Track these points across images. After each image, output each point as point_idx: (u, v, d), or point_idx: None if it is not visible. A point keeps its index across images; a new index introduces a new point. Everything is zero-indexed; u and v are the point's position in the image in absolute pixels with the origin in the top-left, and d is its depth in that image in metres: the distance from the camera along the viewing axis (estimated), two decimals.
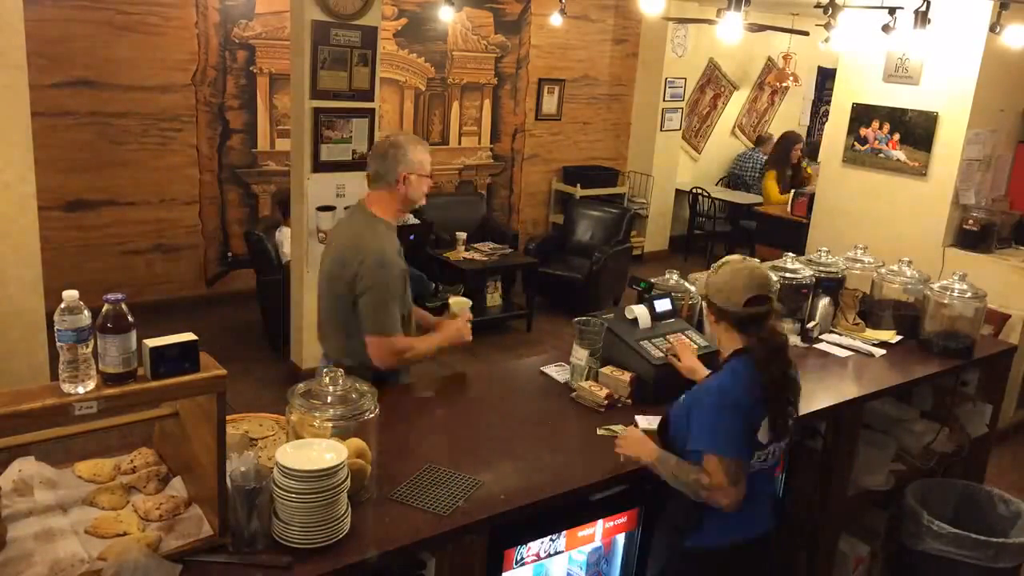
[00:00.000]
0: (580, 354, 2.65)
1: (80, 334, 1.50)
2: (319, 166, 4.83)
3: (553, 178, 8.26)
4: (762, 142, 9.29)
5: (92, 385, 1.53)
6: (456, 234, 6.38)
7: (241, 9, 6.13)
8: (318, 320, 2.81)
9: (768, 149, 8.82)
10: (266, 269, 5.56)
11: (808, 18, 7.66)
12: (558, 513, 2.14)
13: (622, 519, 2.29)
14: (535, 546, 2.11)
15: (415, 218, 6.61)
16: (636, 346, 2.62)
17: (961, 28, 5.06)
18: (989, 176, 5.43)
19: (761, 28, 6.74)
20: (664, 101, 8.32)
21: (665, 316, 2.77)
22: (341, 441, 1.85)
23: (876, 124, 5.56)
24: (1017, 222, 5.35)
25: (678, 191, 8.80)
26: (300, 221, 4.93)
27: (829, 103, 6.06)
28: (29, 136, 3.57)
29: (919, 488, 3.27)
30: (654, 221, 8.62)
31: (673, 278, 3.03)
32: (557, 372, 2.78)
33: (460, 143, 7.57)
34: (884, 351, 3.22)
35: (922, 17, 4.42)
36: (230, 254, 6.48)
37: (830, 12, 4.64)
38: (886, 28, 4.66)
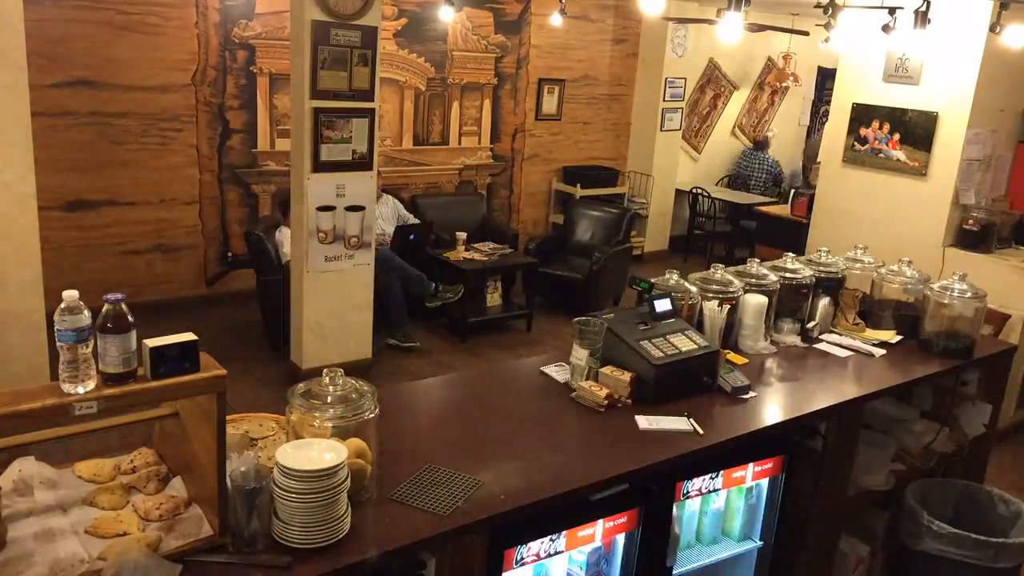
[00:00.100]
0: (580, 354, 2.65)
1: (80, 334, 1.50)
2: (319, 166, 4.83)
3: (553, 178, 8.26)
4: (761, 146, 9.29)
5: (92, 385, 1.53)
6: (456, 234, 6.38)
7: (241, 9, 6.13)
8: None
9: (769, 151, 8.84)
10: (266, 269, 5.56)
11: (808, 18, 7.66)
12: (558, 513, 2.13)
13: (622, 519, 2.29)
14: (535, 546, 2.11)
15: (414, 218, 6.62)
16: (636, 346, 2.62)
17: (961, 28, 5.06)
18: (989, 176, 5.43)
19: (761, 28, 6.74)
20: (664, 101, 8.32)
21: (665, 316, 2.77)
22: (341, 441, 1.85)
23: (876, 124, 5.56)
24: (1017, 222, 5.36)
25: (678, 191, 8.80)
26: (300, 221, 4.93)
27: (829, 103, 6.06)
28: (29, 136, 3.57)
29: (919, 488, 3.27)
30: (654, 221, 8.62)
31: (673, 278, 3.03)
32: (557, 372, 2.78)
33: (460, 143, 7.58)
34: (884, 351, 3.21)
35: (922, 17, 4.43)
36: (230, 254, 6.48)
37: (830, 12, 4.64)
38: (886, 28, 4.67)
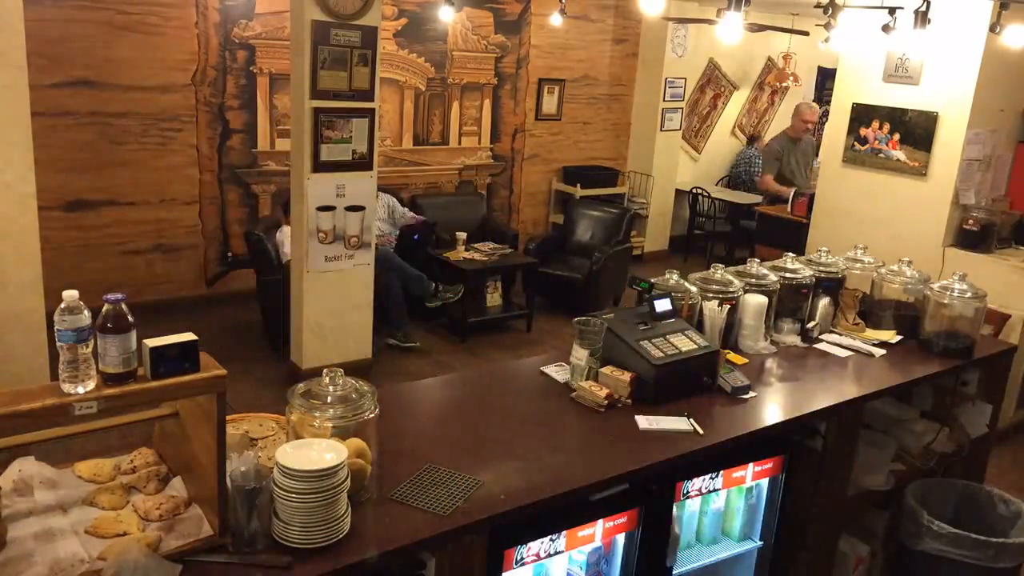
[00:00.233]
0: (580, 354, 2.65)
1: (80, 334, 1.50)
2: (319, 166, 4.83)
3: (553, 178, 8.26)
4: (752, 142, 9.38)
5: (92, 385, 1.53)
6: (456, 234, 6.38)
7: (241, 9, 6.13)
8: None
9: (760, 146, 8.90)
10: (266, 269, 5.56)
11: (808, 18, 7.66)
12: (558, 513, 2.13)
13: (622, 519, 2.29)
14: (535, 546, 2.11)
15: (413, 214, 6.62)
16: (636, 346, 2.62)
17: (961, 28, 5.06)
18: (989, 176, 5.43)
19: (761, 28, 6.74)
20: (664, 101, 8.32)
21: (665, 316, 2.77)
22: (341, 441, 1.85)
23: (876, 124, 5.56)
24: (1017, 222, 5.36)
25: (678, 191, 8.80)
26: (300, 221, 4.93)
27: (829, 103, 6.06)
28: (29, 136, 3.57)
29: (919, 488, 3.27)
30: (654, 221, 8.62)
31: (673, 278, 3.03)
32: (557, 372, 2.77)
33: (460, 143, 7.57)
34: (884, 351, 3.21)
35: (922, 17, 4.42)
36: (230, 254, 6.48)
37: (830, 12, 4.64)
38: (886, 28, 4.67)
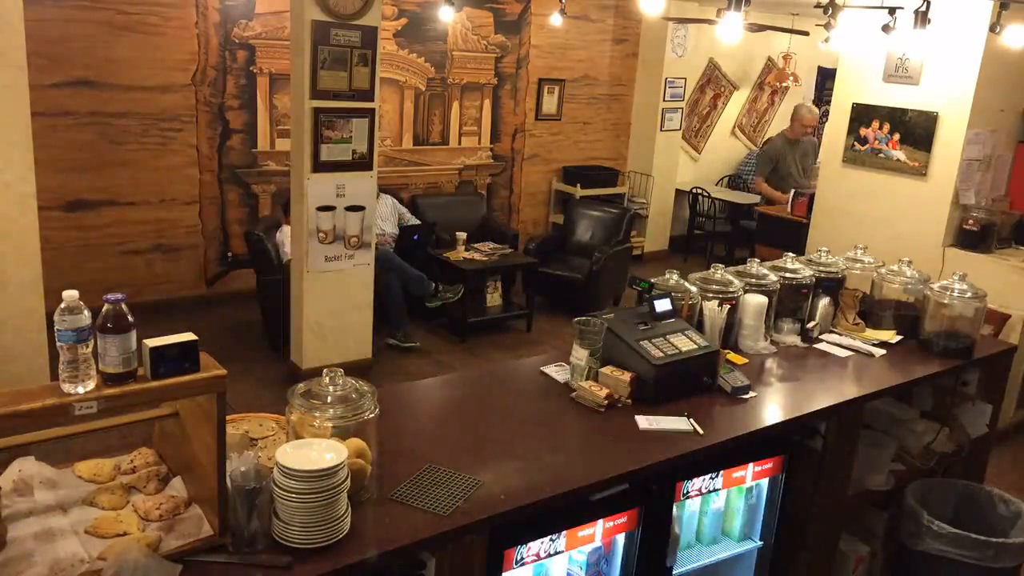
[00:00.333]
0: (580, 354, 2.65)
1: (80, 334, 1.50)
2: (319, 166, 4.83)
3: (553, 178, 8.26)
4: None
5: (92, 385, 1.53)
6: (456, 234, 6.38)
7: (241, 9, 6.13)
8: None
9: None
10: (266, 269, 5.56)
11: (808, 18, 7.66)
12: (558, 513, 2.13)
13: (622, 519, 2.29)
14: (535, 546, 2.11)
15: (414, 218, 6.62)
16: (636, 346, 2.62)
17: (961, 28, 5.05)
18: (989, 176, 5.43)
19: (761, 28, 6.74)
20: (664, 101, 8.32)
21: (665, 316, 2.77)
22: (341, 441, 1.85)
23: (876, 124, 5.56)
24: (1017, 222, 5.35)
25: (678, 191, 8.80)
26: (300, 221, 4.93)
27: (829, 103, 6.06)
28: (29, 136, 3.57)
29: (919, 488, 3.27)
30: (654, 221, 8.62)
31: (673, 278, 3.03)
32: (557, 372, 2.77)
33: (460, 143, 7.57)
34: (884, 351, 3.21)
35: (922, 17, 4.42)
36: (230, 254, 6.48)
37: (830, 12, 4.64)
38: (886, 28, 4.66)
